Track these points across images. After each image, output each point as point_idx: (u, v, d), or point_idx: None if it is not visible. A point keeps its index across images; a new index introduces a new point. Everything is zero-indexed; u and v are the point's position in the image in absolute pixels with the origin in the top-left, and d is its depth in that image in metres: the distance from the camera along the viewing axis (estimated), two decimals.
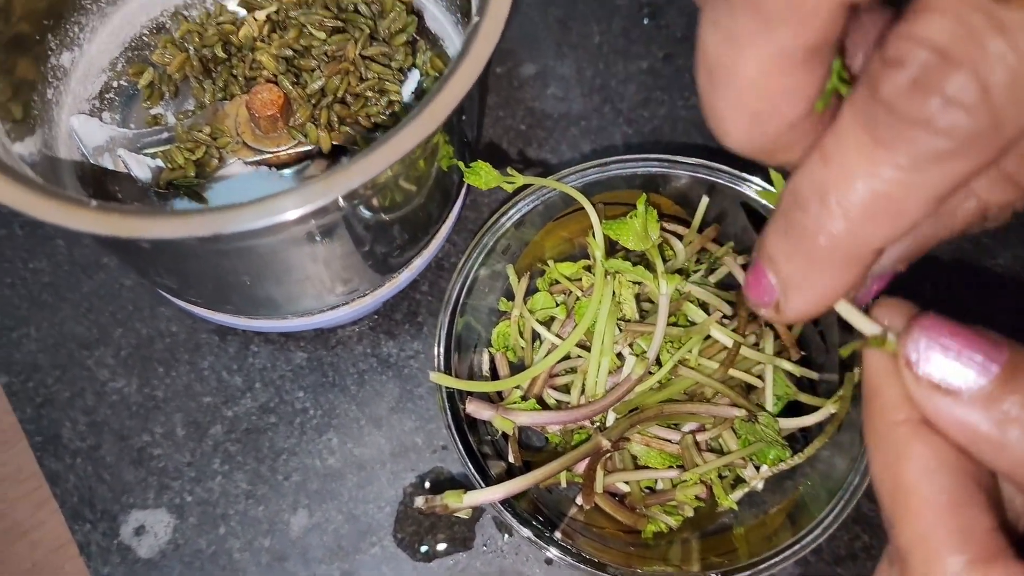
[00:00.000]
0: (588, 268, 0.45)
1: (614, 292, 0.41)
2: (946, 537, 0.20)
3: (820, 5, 0.18)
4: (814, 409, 0.41)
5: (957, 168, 0.18)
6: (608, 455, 0.40)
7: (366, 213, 0.35)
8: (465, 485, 0.40)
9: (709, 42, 0.20)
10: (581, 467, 0.41)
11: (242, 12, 0.46)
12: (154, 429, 0.47)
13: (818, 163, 0.20)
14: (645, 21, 0.56)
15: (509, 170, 0.41)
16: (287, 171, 0.43)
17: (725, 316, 0.43)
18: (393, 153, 0.30)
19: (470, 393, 0.40)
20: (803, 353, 0.43)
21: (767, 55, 0.19)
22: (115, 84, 0.46)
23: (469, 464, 0.38)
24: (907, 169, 0.18)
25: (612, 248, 0.43)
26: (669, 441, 0.41)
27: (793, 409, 0.42)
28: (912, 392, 0.21)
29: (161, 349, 0.48)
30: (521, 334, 0.43)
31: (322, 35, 0.43)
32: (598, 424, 0.41)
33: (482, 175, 0.40)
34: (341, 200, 0.30)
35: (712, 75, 0.20)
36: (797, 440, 0.42)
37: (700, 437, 0.41)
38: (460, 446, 0.39)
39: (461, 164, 0.40)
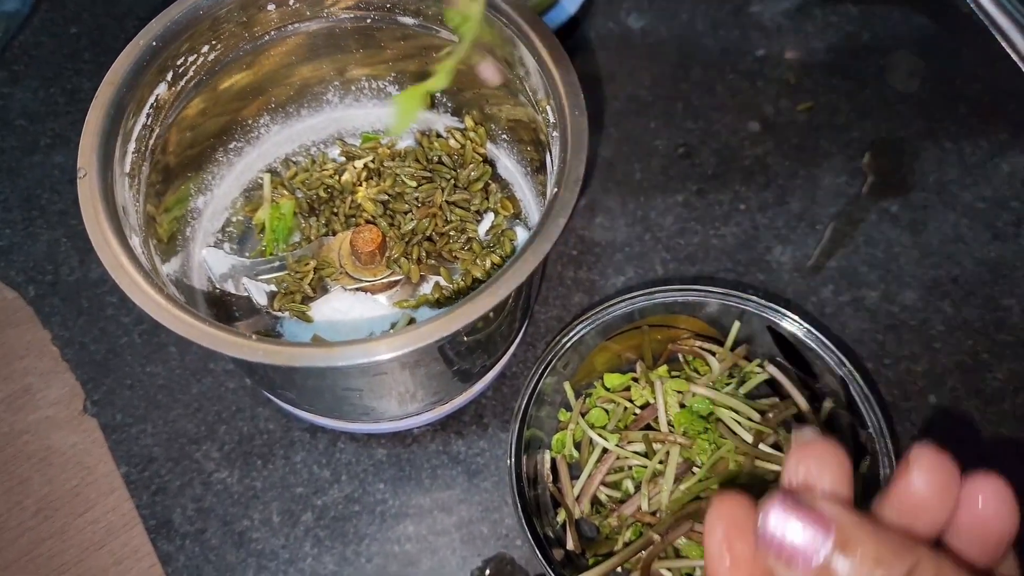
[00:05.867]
0: (635, 379, 0.52)
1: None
2: None
3: None
4: None
5: None
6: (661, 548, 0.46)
7: (461, 343, 0.42)
8: (525, 570, 0.46)
9: None
10: None
11: (342, 159, 0.55)
12: (253, 516, 0.53)
13: None
14: (680, 160, 0.64)
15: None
16: (381, 296, 0.51)
17: (753, 420, 0.49)
18: (479, 309, 0.36)
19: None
20: None
21: None
22: (234, 219, 0.54)
23: (538, 552, 0.45)
24: None
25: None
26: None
27: None
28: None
29: (260, 444, 0.55)
30: (577, 441, 0.50)
31: (413, 183, 0.51)
32: (650, 519, 0.47)
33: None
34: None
35: None
36: None
37: None
38: (530, 537, 0.45)
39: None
